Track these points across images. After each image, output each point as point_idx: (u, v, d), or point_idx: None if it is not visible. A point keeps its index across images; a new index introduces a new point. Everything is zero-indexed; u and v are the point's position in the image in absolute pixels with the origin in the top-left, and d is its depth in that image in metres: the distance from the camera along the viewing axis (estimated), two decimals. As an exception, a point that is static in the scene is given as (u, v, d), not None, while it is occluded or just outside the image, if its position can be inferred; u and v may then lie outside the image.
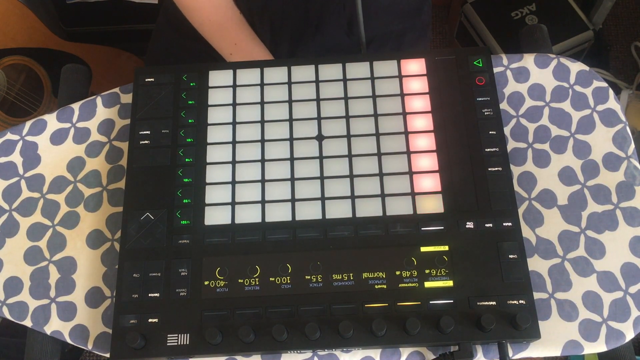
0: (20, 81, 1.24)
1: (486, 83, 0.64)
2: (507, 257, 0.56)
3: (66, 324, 0.60)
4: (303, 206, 0.60)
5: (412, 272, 0.56)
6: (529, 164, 0.63)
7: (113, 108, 0.68)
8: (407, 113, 0.63)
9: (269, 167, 0.62)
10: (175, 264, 0.58)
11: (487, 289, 0.55)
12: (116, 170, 0.65)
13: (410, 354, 0.57)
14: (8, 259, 0.62)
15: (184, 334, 0.55)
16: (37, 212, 0.64)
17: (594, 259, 0.59)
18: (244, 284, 0.57)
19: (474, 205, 0.59)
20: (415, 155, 0.61)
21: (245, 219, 0.60)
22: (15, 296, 0.61)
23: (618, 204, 0.61)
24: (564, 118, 0.65)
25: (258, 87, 0.65)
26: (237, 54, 0.79)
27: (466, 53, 0.66)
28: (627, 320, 0.57)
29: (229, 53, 0.80)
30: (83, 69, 0.74)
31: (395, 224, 0.58)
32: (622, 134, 0.63)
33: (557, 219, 0.61)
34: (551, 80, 0.66)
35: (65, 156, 0.66)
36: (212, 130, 0.64)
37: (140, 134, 0.64)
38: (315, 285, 0.56)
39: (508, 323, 0.54)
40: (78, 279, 0.61)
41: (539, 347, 0.56)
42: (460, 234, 0.58)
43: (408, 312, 0.55)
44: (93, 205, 0.64)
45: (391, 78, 0.65)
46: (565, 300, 0.58)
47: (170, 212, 0.60)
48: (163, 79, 0.66)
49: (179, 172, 0.62)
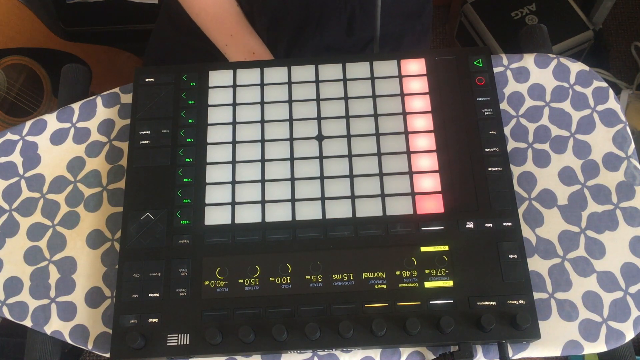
0: (20, 81, 1.24)
1: (486, 83, 0.64)
2: (507, 257, 0.56)
3: (66, 324, 0.60)
4: (303, 206, 0.60)
5: (412, 272, 0.56)
6: (529, 164, 0.63)
7: (113, 108, 0.68)
8: (407, 113, 0.63)
9: (269, 167, 0.62)
10: (175, 264, 0.58)
11: (487, 289, 0.55)
12: (116, 170, 0.65)
13: (410, 354, 0.57)
14: (8, 259, 0.62)
15: (184, 334, 0.55)
16: (37, 212, 0.64)
17: (594, 259, 0.59)
18: (244, 284, 0.57)
19: (474, 205, 0.59)
20: (415, 155, 0.61)
21: (245, 219, 0.60)
22: (15, 296, 0.61)
23: (618, 204, 0.61)
24: (564, 118, 0.65)
25: (258, 87, 0.65)
26: (232, 46, 0.79)
27: (466, 53, 0.66)
28: (627, 320, 0.57)
29: (224, 44, 0.79)
30: (83, 69, 0.74)
31: (395, 224, 0.58)
32: (622, 134, 0.63)
33: (557, 219, 0.61)
34: (551, 80, 0.66)
35: (65, 156, 0.66)
36: (212, 130, 0.64)
37: (140, 134, 0.64)
38: (315, 285, 0.56)
39: (508, 323, 0.54)
40: (78, 279, 0.61)
41: (539, 347, 0.56)
42: (460, 234, 0.58)
43: (408, 312, 0.55)
44: (93, 205, 0.64)
45: (391, 78, 0.65)
46: (565, 300, 0.58)
47: (170, 212, 0.60)
48: (163, 79, 0.66)
49: (179, 172, 0.62)
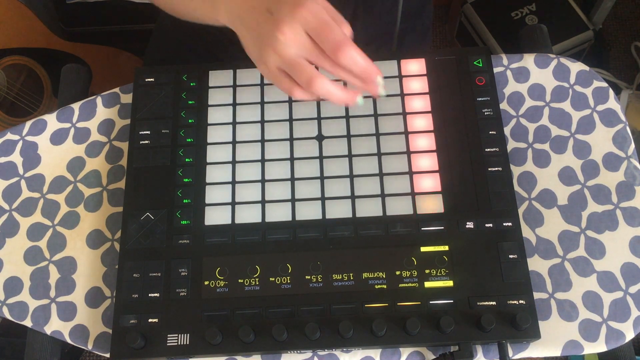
0: (20, 81, 1.24)
1: (486, 83, 0.64)
2: (507, 257, 0.56)
3: (66, 324, 0.60)
4: (303, 206, 0.60)
5: (412, 272, 0.56)
6: (529, 164, 0.63)
7: (113, 108, 0.68)
8: (407, 113, 0.63)
9: (269, 167, 0.62)
10: (175, 264, 0.58)
11: (487, 289, 0.55)
12: (116, 170, 0.65)
13: (410, 354, 0.57)
14: (8, 259, 0.62)
15: (184, 334, 0.55)
16: (37, 212, 0.64)
17: (594, 259, 0.59)
18: (244, 284, 0.57)
19: (474, 205, 0.59)
20: (415, 155, 0.61)
21: (245, 219, 0.60)
22: (15, 296, 0.61)
23: (618, 204, 0.61)
24: (564, 118, 0.65)
25: (258, 87, 0.65)
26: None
27: (466, 53, 0.66)
28: (627, 320, 0.57)
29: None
30: (83, 69, 0.74)
31: (395, 224, 0.58)
32: (622, 134, 0.63)
33: (557, 219, 0.61)
34: (551, 80, 0.66)
35: (65, 156, 0.66)
36: (212, 130, 0.64)
37: (140, 134, 0.64)
38: (315, 285, 0.56)
39: (508, 323, 0.54)
40: (78, 279, 0.61)
41: (539, 347, 0.56)
42: (460, 234, 0.58)
43: (408, 312, 0.55)
44: (93, 205, 0.64)
45: (391, 78, 0.65)
46: (565, 300, 0.58)
47: (170, 212, 0.60)
48: (163, 79, 0.66)
49: (179, 172, 0.62)
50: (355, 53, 0.51)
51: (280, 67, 0.53)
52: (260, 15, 0.52)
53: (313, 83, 0.52)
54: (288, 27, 0.51)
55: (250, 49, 0.55)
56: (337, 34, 0.50)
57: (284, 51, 0.51)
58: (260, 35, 0.52)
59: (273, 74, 0.53)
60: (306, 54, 0.52)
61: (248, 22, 0.53)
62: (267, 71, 0.54)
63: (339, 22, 0.52)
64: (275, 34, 0.51)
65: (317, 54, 0.52)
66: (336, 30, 0.50)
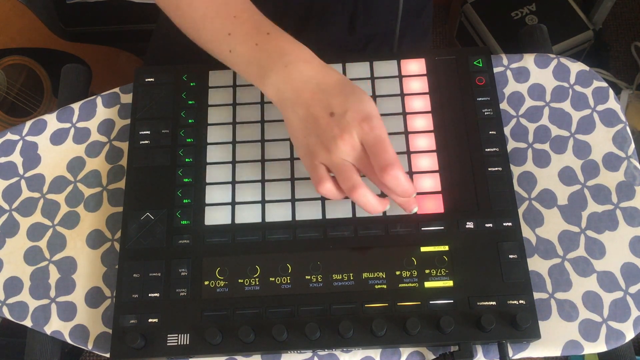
0: (20, 81, 1.24)
1: (486, 83, 0.64)
2: (507, 257, 0.56)
3: (66, 324, 0.60)
4: (303, 206, 0.60)
5: (412, 272, 0.56)
6: (529, 164, 0.63)
7: (113, 108, 0.68)
8: (407, 113, 0.63)
9: (269, 167, 0.62)
10: (175, 264, 0.58)
11: (487, 289, 0.55)
12: (116, 170, 0.65)
13: (410, 354, 0.57)
14: (8, 259, 0.62)
15: (184, 334, 0.55)
16: (37, 212, 0.64)
17: (594, 259, 0.59)
18: (244, 284, 0.57)
19: (474, 205, 0.59)
20: (415, 155, 0.61)
21: (245, 219, 0.60)
22: (15, 296, 0.61)
23: (618, 204, 0.61)
24: (564, 118, 0.65)
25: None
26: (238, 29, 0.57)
27: (466, 53, 0.66)
28: (627, 320, 0.57)
29: (226, 33, 0.58)
30: (83, 69, 0.74)
31: (395, 224, 0.58)
32: (622, 134, 0.63)
33: (557, 219, 0.61)
34: (551, 80, 0.66)
35: (65, 156, 0.66)
36: (212, 130, 0.64)
37: (140, 134, 0.64)
38: (315, 285, 0.56)
39: (508, 323, 0.54)
40: (78, 279, 0.61)
41: (539, 347, 0.56)
42: (460, 234, 0.58)
43: (408, 312, 0.55)
44: (93, 205, 0.64)
45: (391, 78, 0.65)
46: (565, 300, 0.58)
47: (170, 212, 0.60)
48: (163, 78, 0.66)
49: (179, 172, 0.62)
50: (400, 175, 0.51)
51: (325, 164, 0.53)
52: (320, 111, 0.52)
53: (355, 191, 0.52)
54: (349, 136, 0.51)
55: (297, 134, 0.54)
56: (390, 155, 0.51)
57: (338, 156, 0.52)
58: (316, 132, 0.52)
59: (314, 167, 0.54)
60: (356, 163, 0.53)
61: (302, 112, 0.53)
62: (309, 163, 0.54)
63: None
64: (335, 139, 0.51)
65: (366, 165, 0.52)
66: (390, 150, 0.51)
